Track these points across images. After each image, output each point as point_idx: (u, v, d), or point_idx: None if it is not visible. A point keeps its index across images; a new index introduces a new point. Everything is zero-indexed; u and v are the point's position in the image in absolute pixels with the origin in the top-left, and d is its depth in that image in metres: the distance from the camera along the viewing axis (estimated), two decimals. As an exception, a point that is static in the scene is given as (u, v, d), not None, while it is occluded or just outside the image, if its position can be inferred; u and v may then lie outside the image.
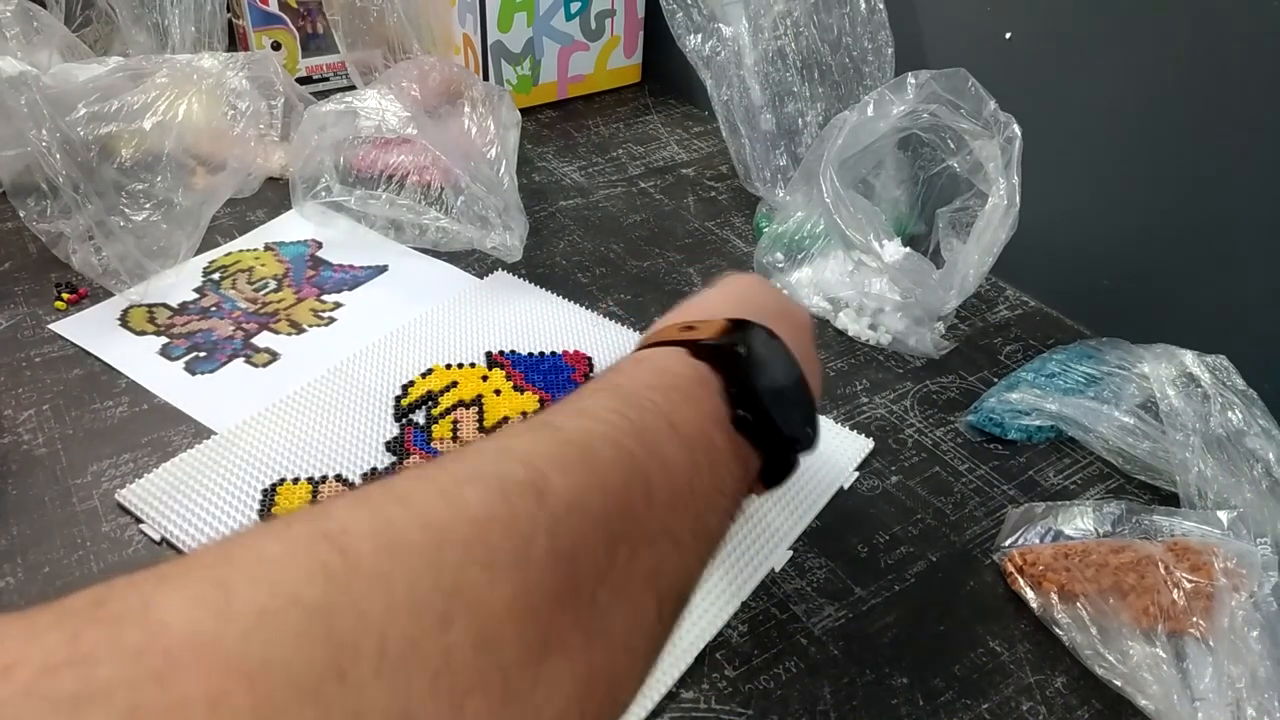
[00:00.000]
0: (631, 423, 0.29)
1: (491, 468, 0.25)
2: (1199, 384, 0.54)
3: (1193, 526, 0.48)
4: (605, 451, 0.27)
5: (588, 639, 0.24)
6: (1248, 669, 0.42)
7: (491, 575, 0.22)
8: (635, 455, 0.28)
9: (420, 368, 0.61)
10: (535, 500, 0.24)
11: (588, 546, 0.24)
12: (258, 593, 0.19)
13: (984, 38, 0.69)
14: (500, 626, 0.21)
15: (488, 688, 0.21)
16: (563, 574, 0.23)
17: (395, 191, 0.72)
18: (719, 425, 0.32)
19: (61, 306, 0.65)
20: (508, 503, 0.23)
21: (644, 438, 0.29)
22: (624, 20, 0.99)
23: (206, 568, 0.20)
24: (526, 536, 0.23)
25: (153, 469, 0.52)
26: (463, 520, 0.23)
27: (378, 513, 0.22)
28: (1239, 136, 0.57)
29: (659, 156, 0.90)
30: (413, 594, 0.20)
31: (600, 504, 0.25)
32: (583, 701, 0.23)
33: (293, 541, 0.21)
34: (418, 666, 0.20)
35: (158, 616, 0.18)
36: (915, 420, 0.59)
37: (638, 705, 0.41)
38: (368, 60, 0.90)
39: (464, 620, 0.21)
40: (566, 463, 0.26)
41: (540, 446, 0.26)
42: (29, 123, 0.61)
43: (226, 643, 0.18)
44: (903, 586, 0.48)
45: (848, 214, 0.61)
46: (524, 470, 0.25)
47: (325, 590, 0.19)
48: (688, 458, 0.30)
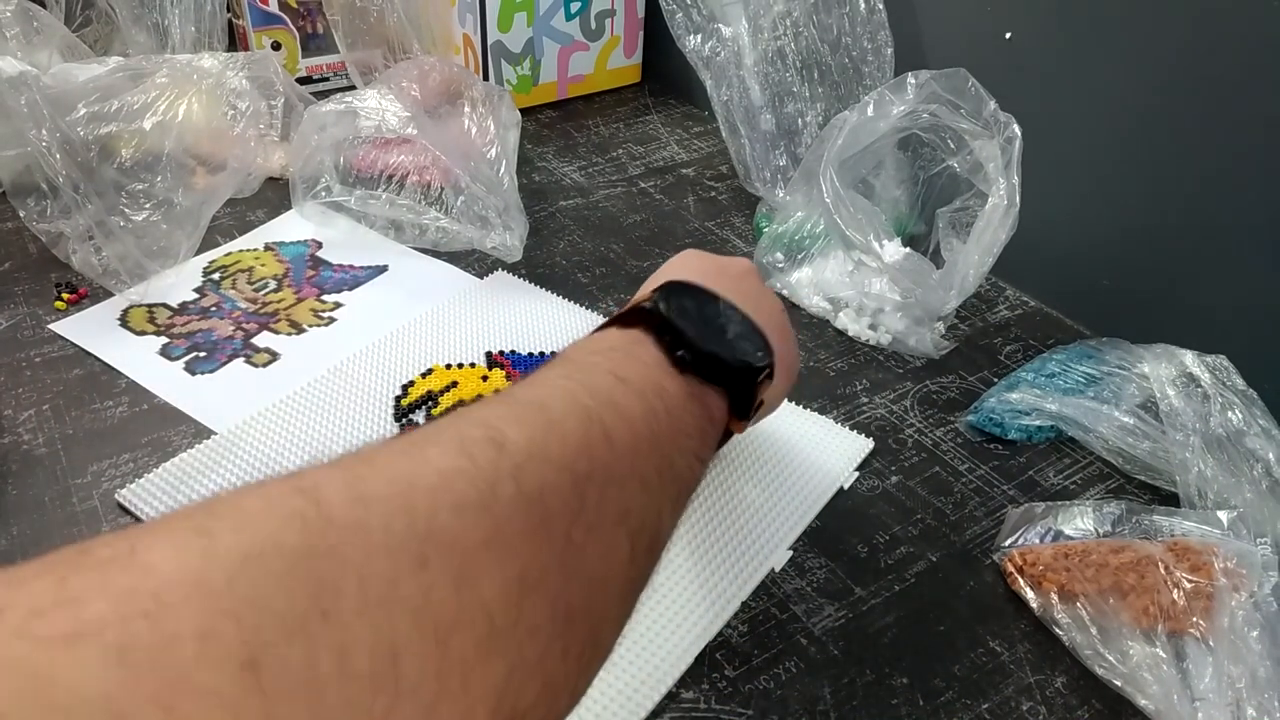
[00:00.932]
0: (580, 382, 0.30)
1: (450, 430, 0.26)
2: (1199, 384, 0.54)
3: (1193, 526, 0.48)
4: (559, 405, 0.28)
5: (566, 576, 0.24)
6: (1248, 669, 0.42)
7: (462, 518, 0.22)
8: (588, 406, 0.29)
9: (420, 368, 0.61)
10: (495, 451, 0.25)
11: (554, 488, 0.25)
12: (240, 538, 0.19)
13: (984, 38, 0.69)
14: (477, 565, 0.22)
15: (472, 624, 0.21)
16: (535, 514, 0.24)
17: (395, 191, 0.72)
18: (665, 373, 0.34)
19: (61, 306, 0.65)
20: (469, 455, 0.24)
21: (594, 392, 0.30)
22: (624, 20, 0.99)
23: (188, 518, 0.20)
24: (491, 482, 0.24)
25: (153, 469, 0.52)
26: (429, 472, 0.23)
27: (347, 470, 0.23)
28: (1239, 136, 0.57)
29: (659, 156, 0.90)
30: (388, 537, 0.21)
31: (560, 449, 0.26)
32: (565, 638, 0.24)
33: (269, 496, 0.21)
34: (399, 605, 0.20)
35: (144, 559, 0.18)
36: (915, 420, 0.59)
37: (638, 705, 0.41)
38: (368, 60, 0.90)
39: (440, 560, 0.21)
40: (521, 418, 0.27)
41: (494, 408, 0.28)
42: (29, 123, 0.61)
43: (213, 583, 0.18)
44: (903, 586, 0.48)
45: (848, 214, 0.61)
46: (481, 428, 0.26)
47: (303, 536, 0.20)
48: (641, 404, 0.31)
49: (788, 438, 0.56)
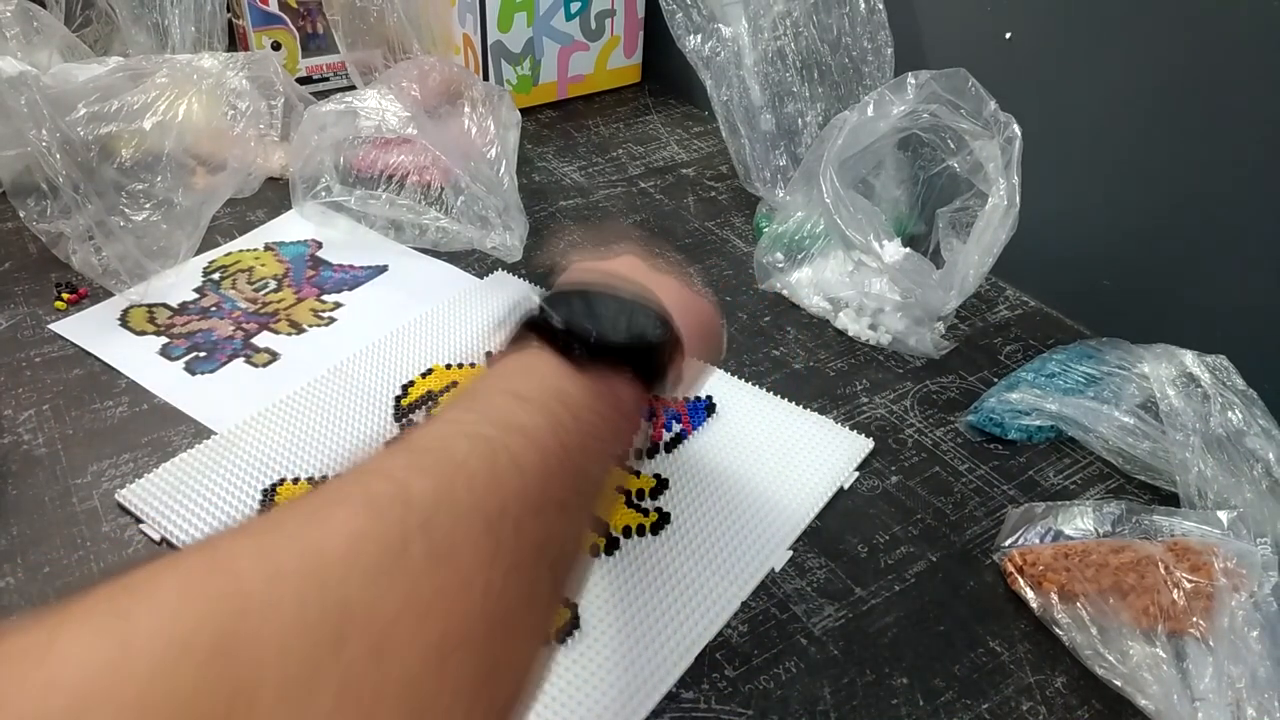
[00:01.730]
0: (480, 413, 0.30)
1: (355, 487, 0.25)
2: (1199, 384, 0.54)
3: (1193, 526, 0.48)
4: (460, 445, 0.28)
5: (488, 628, 0.24)
6: (1248, 669, 0.42)
7: (376, 586, 0.22)
8: (490, 437, 0.28)
9: (420, 368, 0.61)
10: (402, 507, 0.24)
11: (466, 536, 0.25)
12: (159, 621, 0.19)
13: (984, 38, 0.69)
14: (395, 635, 0.21)
15: (396, 697, 0.21)
16: (448, 569, 0.24)
17: (395, 191, 0.72)
18: (565, 376, 0.33)
19: (61, 306, 0.65)
20: (377, 515, 0.24)
21: (495, 420, 0.29)
22: (624, 20, 0.99)
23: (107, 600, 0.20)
24: (401, 543, 0.23)
25: (153, 469, 0.52)
26: (336, 538, 0.23)
27: (259, 540, 0.23)
28: (1239, 136, 0.57)
29: (659, 156, 0.90)
30: (303, 616, 0.20)
31: (467, 493, 0.26)
32: (491, 691, 0.23)
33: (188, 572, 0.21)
34: (321, 686, 0.20)
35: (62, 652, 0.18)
36: (915, 420, 0.59)
37: (638, 705, 0.41)
38: (368, 60, 0.90)
39: (357, 636, 0.21)
40: (424, 466, 0.26)
41: (398, 459, 0.27)
42: (29, 123, 0.61)
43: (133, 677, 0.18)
44: (903, 586, 0.48)
45: (848, 214, 0.61)
46: (385, 482, 0.25)
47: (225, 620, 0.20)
48: (545, 418, 0.30)
49: (788, 438, 0.56)
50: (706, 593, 0.46)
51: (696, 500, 0.52)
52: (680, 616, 0.45)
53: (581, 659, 0.43)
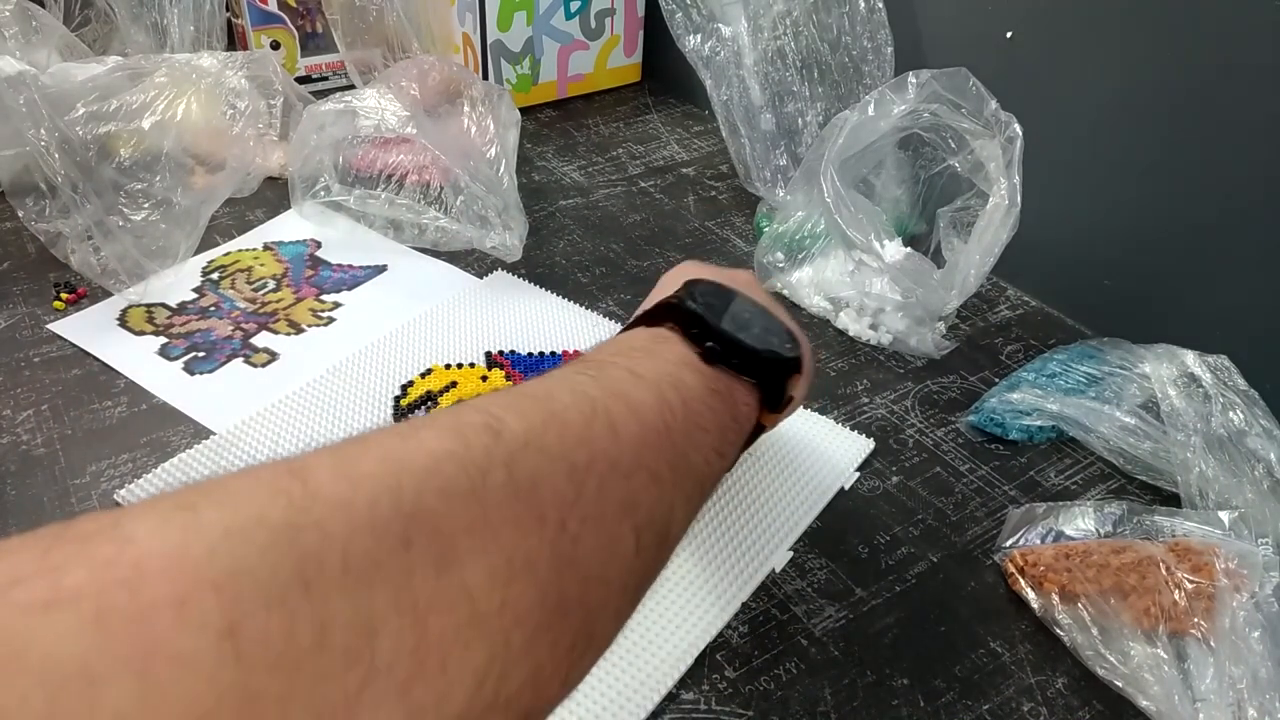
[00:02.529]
0: (592, 376, 0.30)
1: (448, 416, 0.26)
2: (1200, 384, 0.54)
3: (1194, 527, 0.48)
4: (563, 396, 0.28)
5: (557, 565, 0.24)
6: (1249, 670, 0.41)
7: (449, 502, 0.22)
8: (595, 397, 0.29)
9: (419, 368, 0.60)
10: (491, 438, 0.25)
11: (548, 477, 0.25)
12: (224, 512, 0.20)
13: (984, 37, 0.69)
14: (460, 548, 0.22)
15: (452, 607, 0.21)
16: (524, 502, 0.24)
17: (394, 191, 0.72)
18: (686, 367, 0.33)
19: (60, 306, 0.65)
20: (463, 441, 0.24)
21: (604, 385, 0.30)
22: (624, 19, 0.99)
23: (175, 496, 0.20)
24: (483, 468, 0.24)
25: (152, 469, 0.52)
26: (420, 454, 0.23)
27: (340, 452, 0.23)
28: (1241, 136, 0.56)
29: (659, 156, 0.90)
30: (373, 515, 0.21)
31: (558, 440, 0.26)
32: (555, 628, 0.24)
33: (257, 475, 0.22)
34: (380, 582, 0.20)
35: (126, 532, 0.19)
36: (916, 420, 0.59)
37: (638, 706, 0.41)
38: (367, 59, 0.90)
39: (423, 542, 0.21)
40: (522, 408, 0.27)
41: (498, 398, 0.28)
42: (27, 122, 0.61)
43: (194, 554, 0.18)
44: (903, 587, 0.48)
45: (848, 214, 0.61)
46: (480, 415, 0.26)
47: (288, 511, 0.20)
48: (654, 396, 0.31)
49: (788, 438, 0.56)
50: (706, 593, 0.46)
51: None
52: (680, 617, 0.45)
53: (581, 660, 0.43)
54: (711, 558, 0.48)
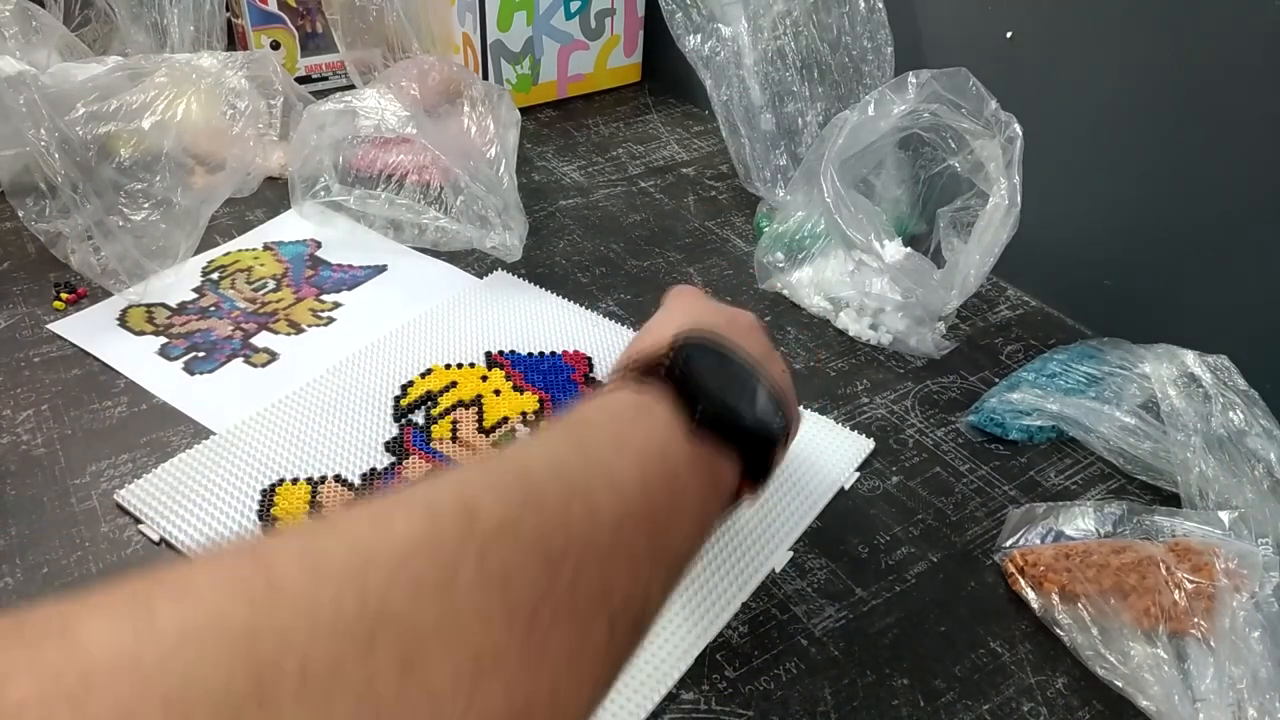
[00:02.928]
0: (573, 446, 0.29)
1: (421, 494, 0.25)
2: (1200, 384, 0.54)
3: (1194, 527, 0.48)
4: (542, 473, 0.27)
5: (527, 661, 0.23)
6: (1249, 670, 0.41)
7: (416, 599, 0.22)
8: (576, 474, 0.28)
9: (419, 368, 0.60)
10: (465, 523, 0.24)
11: (522, 568, 0.24)
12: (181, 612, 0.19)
13: (984, 37, 0.69)
14: (425, 651, 0.21)
15: (414, 711, 0.20)
16: (495, 596, 0.23)
17: (394, 191, 0.72)
18: (672, 438, 0.32)
19: (60, 306, 0.65)
20: (435, 526, 0.23)
21: (587, 457, 0.29)
22: (624, 19, 0.99)
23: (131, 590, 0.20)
24: (454, 560, 0.23)
25: (151, 469, 0.52)
26: (389, 543, 0.22)
27: (307, 539, 0.22)
28: (1241, 136, 0.56)
29: (659, 156, 0.90)
30: (337, 616, 0.20)
31: (535, 524, 0.25)
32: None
33: (220, 566, 0.21)
34: (340, 690, 0.19)
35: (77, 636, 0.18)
36: (916, 420, 0.59)
37: (638, 706, 0.41)
38: (367, 59, 0.90)
39: (388, 644, 0.20)
40: (499, 486, 0.26)
41: (474, 473, 0.26)
42: (27, 122, 0.61)
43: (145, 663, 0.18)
44: (903, 587, 0.48)
45: (848, 214, 0.61)
46: (454, 494, 0.25)
47: (249, 611, 0.19)
48: (638, 472, 0.29)
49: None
50: (706, 593, 0.46)
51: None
52: (680, 617, 0.45)
53: (581, 660, 0.43)
54: (711, 558, 0.48)
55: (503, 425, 0.56)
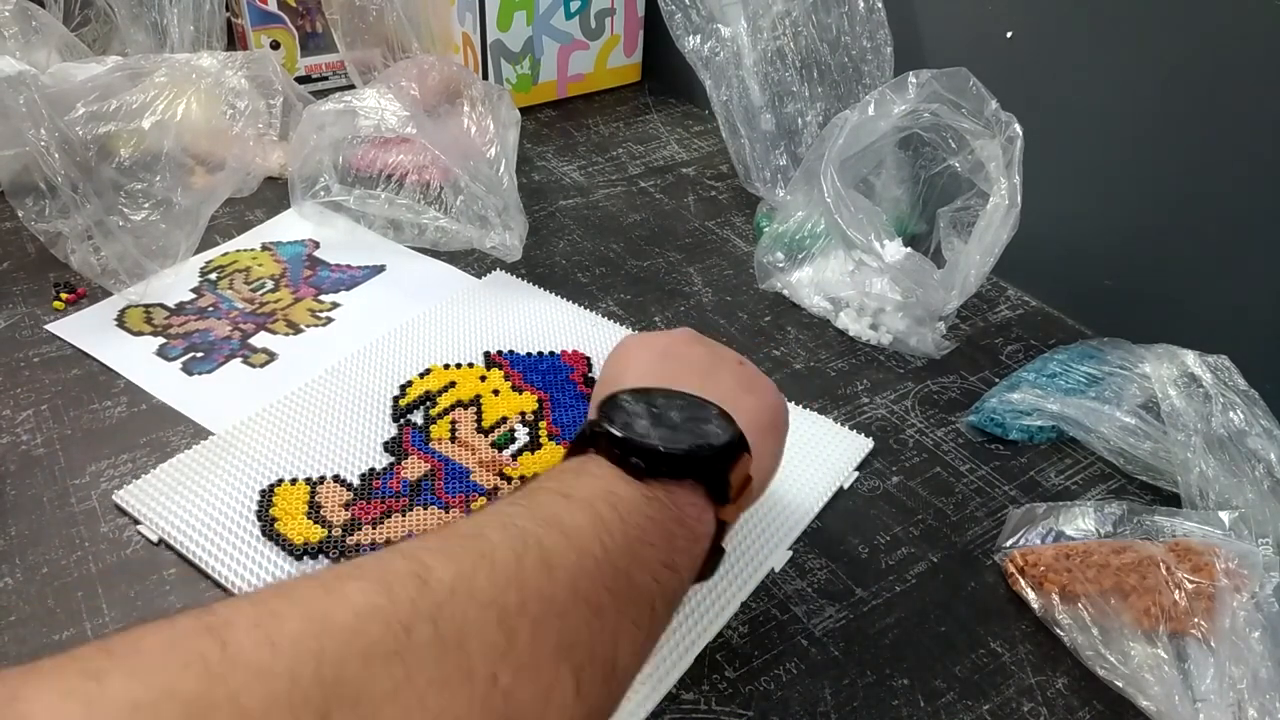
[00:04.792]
0: (523, 505, 0.29)
1: (375, 563, 0.25)
2: (1200, 384, 0.54)
3: (1194, 527, 0.48)
4: (494, 534, 0.27)
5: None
6: (1249, 670, 0.41)
7: (370, 667, 0.21)
8: (526, 529, 0.27)
9: (418, 368, 0.60)
10: (417, 588, 0.24)
11: (477, 628, 0.24)
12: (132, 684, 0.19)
13: (984, 37, 0.69)
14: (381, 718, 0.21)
15: None
16: (452, 659, 0.23)
17: (394, 191, 0.72)
18: (618, 479, 0.32)
19: (60, 306, 0.65)
20: (389, 593, 0.23)
21: (536, 512, 0.29)
22: (624, 19, 0.99)
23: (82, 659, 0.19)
24: (407, 625, 0.23)
25: (151, 469, 0.52)
26: (344, 610, 0.22)
27: (261, 606, 0.22)
28: (1241, 135, 0.56)
29: (659, 156, 0.90)
30: (292, 688, 0.20)
31: (488, 583, 0.25)
32: None
33: (174, 634, 0.21)
34: None
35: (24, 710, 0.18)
36: (916, 420, 0.59)
37: (638, 706, 0.41)
38: (367, 59, 0.89)
39: (343, 713, 0.20)
40: (451, 550, 0.26)
41: (427, 541, 0.26)
42: (27, 122, 0.61)
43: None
44: (903, 587, 0.48)
45: (848, 214, 0.61)
46: (406, 562, 0.25)
47: (202, 681, 0.19)
48: (589, 517, 0.29)
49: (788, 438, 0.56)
50: (706, 593, 0.46)
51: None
52: (680, 617, 0.45)
53: (581, 660, 0.43)
54: (711, 558, 0.48)
55: (501, 425, 0.56)
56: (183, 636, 0.21)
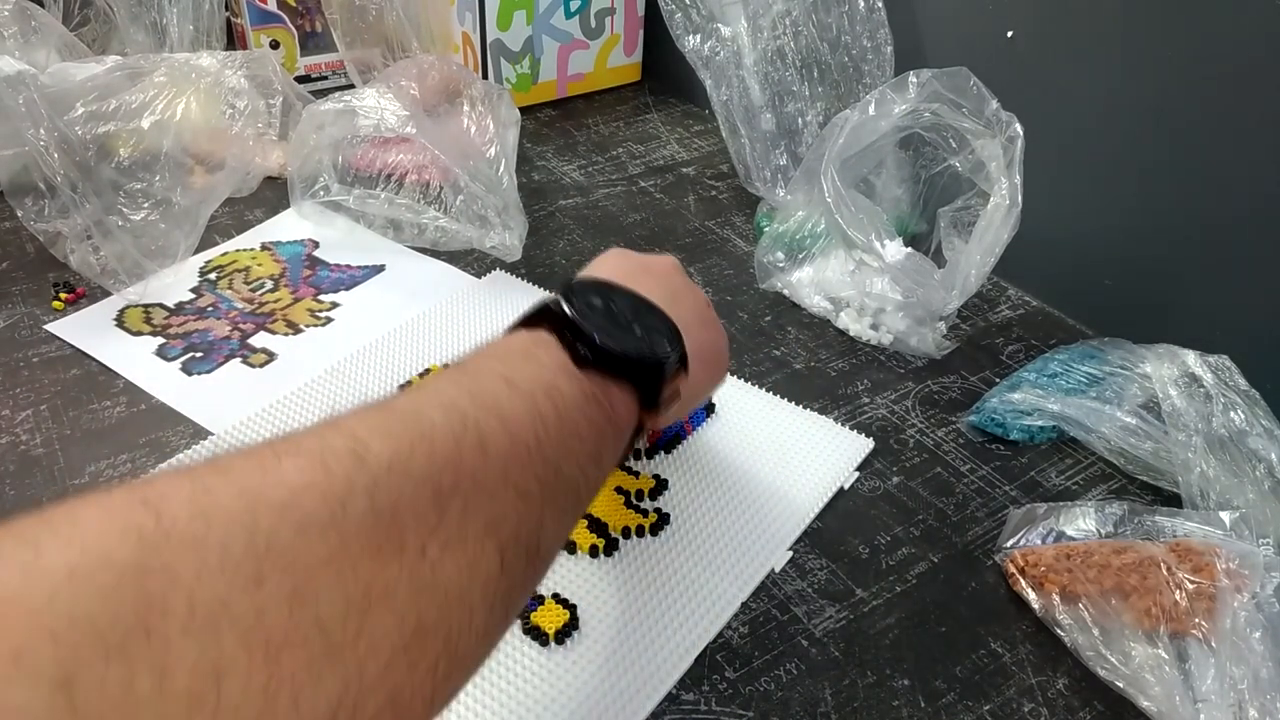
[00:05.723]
0: (465, 388, 0.30)
1: (313, 440, 0.26)
2: (1201, 384, 0.54)
3: (1195, 527, 0.48)
4: (433, 414, 0.28)
5: (416, 590, 0.24)
6: (1250, 670, 0.41)
7: (306, 536, 0.22)
8: (466, 413, 0.29)
9: (417, 368, 0.60)
10: (354, 464, 0.25)
11: (411, 503, 0.25)
12: (68, 552, 0.19)
13: (984, 36, 0.69)
14: (315, 582, 0.22)
15: (306, 640, 0.21)
16: (384, 530, 0.24)
17: (394, 191, 0.72)
18: (562, 372, 0.33)
19: (59, 306, 0.65)
20: (325, 469, 0.24)
21: (477, 398, 0.30)
22: (624, 18, 0.99)
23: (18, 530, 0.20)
24: (342, 498, 0.24)
25: (150, 470, 0.52)
26: (279, 486, 0.23)
27: (197, 481, 0.23)
28: (1241, 135, 0.56)
29: (659, 155, 0.90)
30: (225, 555, 0.21)
31: (424, 461, 0.26)
32: (413, 651, 0.24)
33: (109, 506, 0.21)
34: (229, 623, 0.20)
35: None
36: (917, 420, 0.59)
37: (638, 706, 0.41)
38: (366, 59, 0.89)
39: (276, 579, 0.21)
40: (390, 429, 0.27)
41: (367, 419, 0.27)
42: (27, 122, 0.61)
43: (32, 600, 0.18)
44: (904, 588, 0.48)
45: (849, 213, 0.61)
46: (344, 439, 0.25)
47: (137, 550, 0.20)
48: (527, 407, 0.30)
49: (788, 438, 0.56)
50: (706, 594, 0.46)
51: (696, 501, 0.51)
52: (680, 617, 0.45)
53: (581, 660, 0.43)
54: (711, 558, 0.48)
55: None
56: (119, 508, 0.21)
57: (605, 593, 0.46)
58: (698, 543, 0.49)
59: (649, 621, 0.45)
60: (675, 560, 0.48)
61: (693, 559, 0.48)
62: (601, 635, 0.44)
